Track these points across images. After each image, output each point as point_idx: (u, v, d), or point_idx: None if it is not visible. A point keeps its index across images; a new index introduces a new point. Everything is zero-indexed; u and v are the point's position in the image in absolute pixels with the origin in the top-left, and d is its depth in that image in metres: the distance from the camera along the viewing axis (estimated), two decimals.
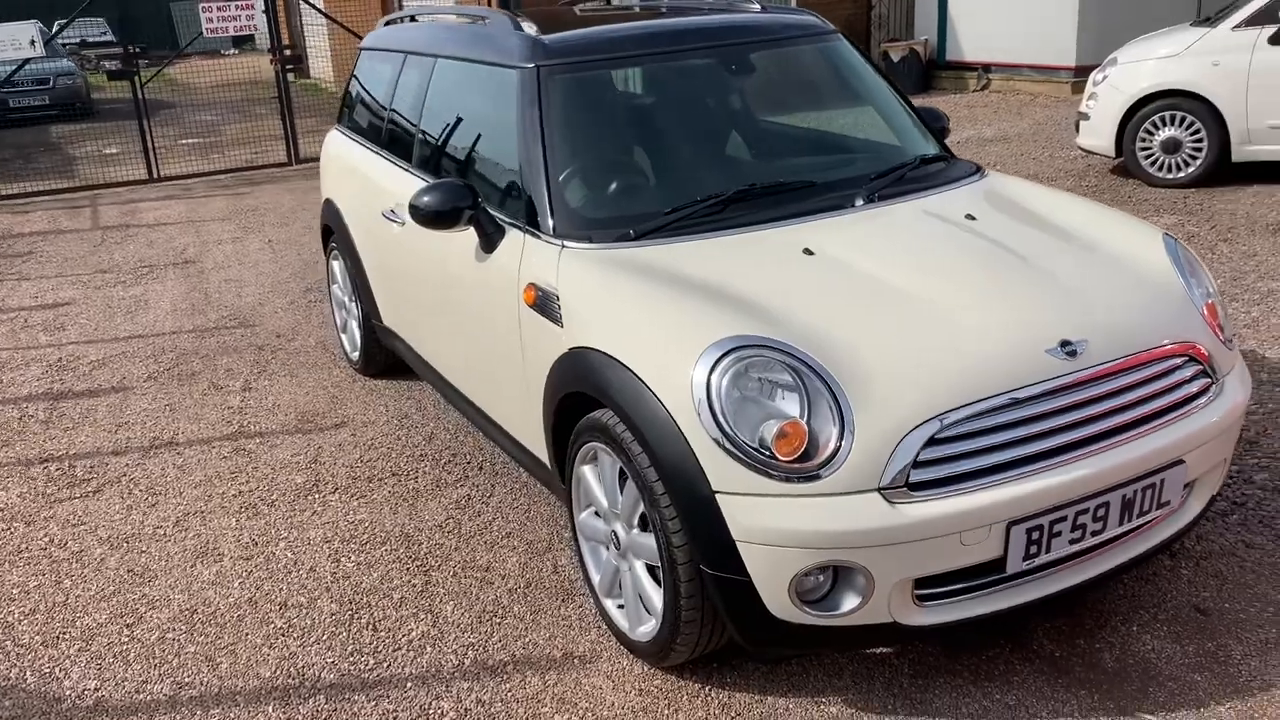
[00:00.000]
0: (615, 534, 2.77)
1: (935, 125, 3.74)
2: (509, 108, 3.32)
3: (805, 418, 2.33)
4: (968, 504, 2.32)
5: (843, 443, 2.30)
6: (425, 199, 3.15)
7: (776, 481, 2.31)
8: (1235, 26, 7.04)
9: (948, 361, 2.42)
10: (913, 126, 3.64)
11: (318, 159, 5.47)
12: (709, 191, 3.09)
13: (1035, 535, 2.40)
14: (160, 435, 4.48)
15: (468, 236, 3.30)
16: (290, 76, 11.31)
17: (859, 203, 3.09)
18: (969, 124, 10.82)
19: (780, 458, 2.31)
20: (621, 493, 2.70)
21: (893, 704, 2.59)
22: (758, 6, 3.84)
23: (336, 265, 5.07)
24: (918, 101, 3.97)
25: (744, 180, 3.20)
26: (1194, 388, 2.66)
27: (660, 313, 2.59)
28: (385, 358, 4.86)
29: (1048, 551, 2.44)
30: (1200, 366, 2.69)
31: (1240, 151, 7.15)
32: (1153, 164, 7.47)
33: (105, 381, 5.16)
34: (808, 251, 2.81)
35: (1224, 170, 7.27)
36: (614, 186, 3.19)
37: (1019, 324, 2.54)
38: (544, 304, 2.90)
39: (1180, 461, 2.58)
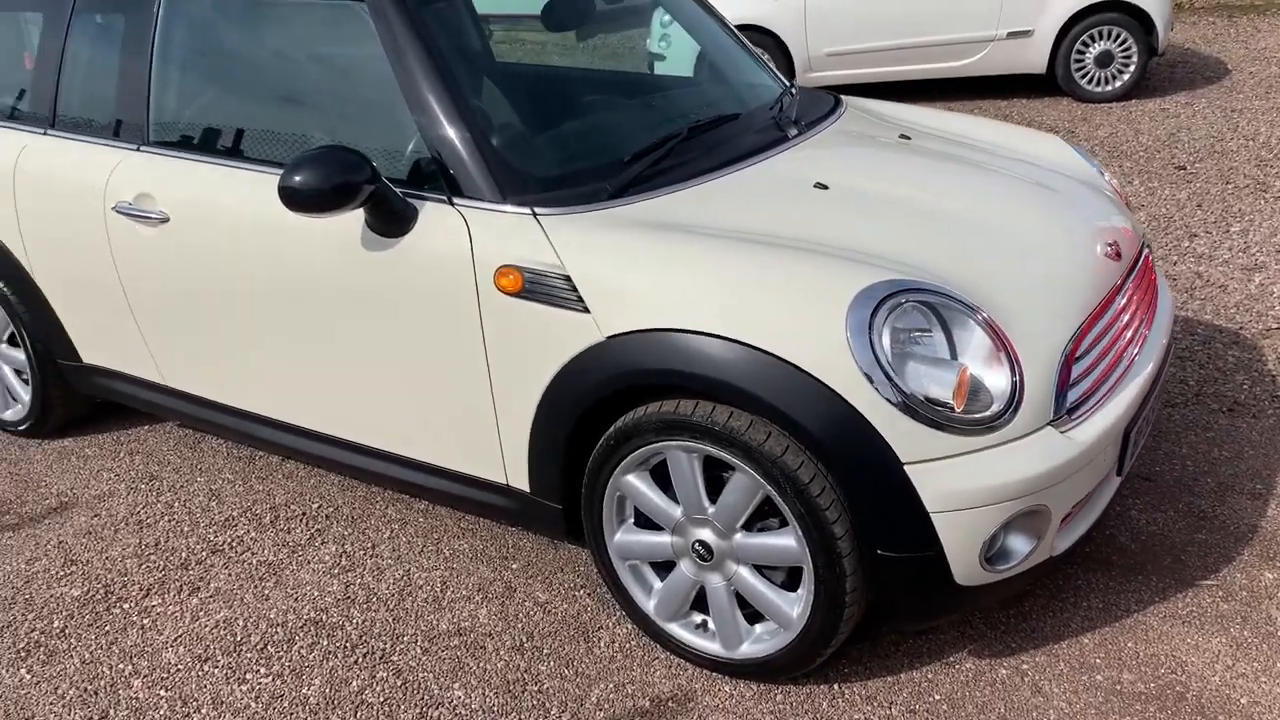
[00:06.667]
0: (700, 544, 2.32)
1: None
2: (357, 48, 2.60)
3: (971, 362, 2.10)
4: (1108, 418, 2.26)
5: (1015, 382, 2.12)
6: (299, 177, 2.35)
7: (962, 438, 2.07)
8: None
9: (1051, 280, 2.33)
10: (750, 58, 3.44)
11: None
12: (642, 133, 2.67)
13: (1134, 436, 2.42)
14: None
15: (331, 224, 2.56)
16: None
17: (793, 133, 2.86)
18: None
19: (958, 411, 2.07)
20: (711, 494, 2.26)
21: (1014, 642, 2.49)
22: None
23: None
24: None
25: (664, 118, 2.81)
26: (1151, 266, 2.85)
27: (761, 271, 2.17)
28: (68, 410, 3.68)
29: (1136, 448, 2.49)
30: (1148, 250, 2.88)
31: (805, 79, 7.87)
32: None
33: None
34: (821, 185, 2.54)
35: None
36: (549, 137, 2.63)
37: (1073, 233, 2.51)
38: (540, 289, 2.31)
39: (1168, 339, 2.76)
